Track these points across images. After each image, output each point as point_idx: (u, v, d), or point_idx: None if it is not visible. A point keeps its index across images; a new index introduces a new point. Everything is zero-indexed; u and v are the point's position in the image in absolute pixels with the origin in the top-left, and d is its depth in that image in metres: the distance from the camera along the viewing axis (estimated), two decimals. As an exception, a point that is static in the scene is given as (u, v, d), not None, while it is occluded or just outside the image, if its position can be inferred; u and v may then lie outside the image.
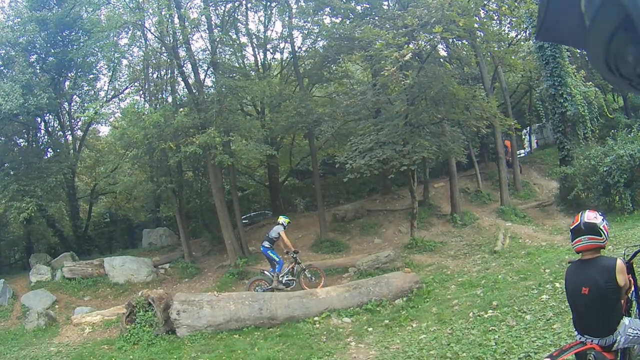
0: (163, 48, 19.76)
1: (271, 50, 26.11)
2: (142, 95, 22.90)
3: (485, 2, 18.83)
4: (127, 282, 19.28)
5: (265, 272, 15.87)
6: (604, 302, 4.59)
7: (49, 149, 26.13)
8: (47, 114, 25.34)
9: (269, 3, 24.00)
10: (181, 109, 20.50)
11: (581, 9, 1.09)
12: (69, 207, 27.18)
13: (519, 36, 27.52)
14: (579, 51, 28.14)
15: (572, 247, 5.03)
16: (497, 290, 11.26)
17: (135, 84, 24.17)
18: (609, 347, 4.67)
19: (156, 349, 11.49)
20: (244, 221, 24.58)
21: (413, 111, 17.36)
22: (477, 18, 17.20)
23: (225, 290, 16.02)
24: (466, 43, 21.00)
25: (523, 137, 33.00)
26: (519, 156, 28.23)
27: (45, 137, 26.55)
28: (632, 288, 5.18)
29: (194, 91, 19.86)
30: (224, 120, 18.54)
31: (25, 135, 25.47)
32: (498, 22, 23.94)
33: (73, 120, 27.33)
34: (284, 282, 15.49)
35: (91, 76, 26.20)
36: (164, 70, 21.33)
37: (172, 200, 21.84)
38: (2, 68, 21.16)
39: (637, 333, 4.72)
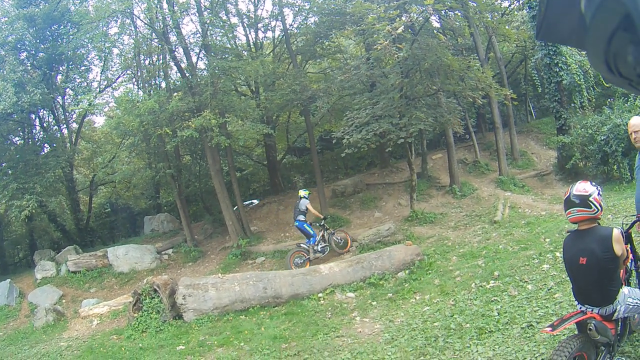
0: (153, 34, 19.66)
1: (262, 29, 26.00)
2: (135, 83, 22.84)
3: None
4: (132, 271, 19.34)
5: (302, 244, 16.60)
6: (602, 272, 4.65)
7: (46, 145, 26.09)
8: (41, 110, 25.33)
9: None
10: (175, 94, 20.38)
11: (581, 9, 1.10)
12: (69, 200, 27.30)
13: (512, 6, 27.45)
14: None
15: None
16: (498, 261, 11.33)
17: (128, 72, 24.09)
18: (609, 316, 4.74)
19: (164, 335, 11.59)
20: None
21: (408, 84, 17.31)
22: (468, -12, 17.13)
23: (229, 272, 16.15)
24: (459, 14, 20.89)
25: None
26: None
27: (41, 133, 26.50)
28: (630, 257, 5.25)
29: (187, 75, 19.76)
30: (218, 102, 18.50)
31: (21, 133, 25.50)
32: (491, -9, 23.83)
33: (67, 114, 27.30)
34: (319, 249, 16.33)
35: (83, 68, 26.00)
36: (156, 56, 21.20)
37: (172, 186, 21.86)
38: (-8, 68, 21.04)
39: (636, 302, 4.79)
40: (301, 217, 16.72)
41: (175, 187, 21.43)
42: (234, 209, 20.92)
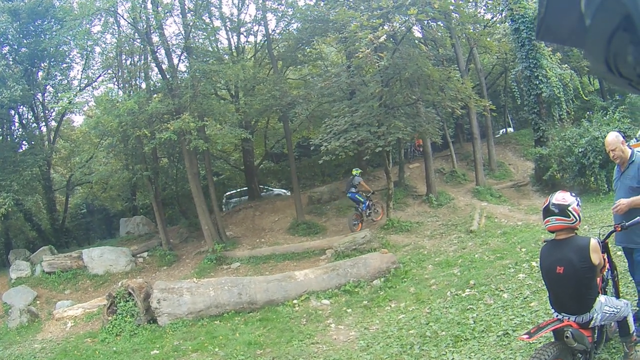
0: (136, 34, 19.44)
1: (245, 34, 25.88)
2: (116, 83, 22.59)
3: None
4: (107, 273, 19.01)
5: (358, 209, 19.57)
6: (579, 281, 4.70)
7: (24, 142, 25.66)
8: (21, 106, 24.86)
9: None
10: (155, 95, 20.20)
11: (581, 9, 1.10)
12: (46, 199, 26.83)
13: (494, 18, 27.76)
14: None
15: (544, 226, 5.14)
16: (474, 270, 11.41)
17: (109, 71, 23.76)
18: (585, 324, 4.79)
19: (139, 339, 11.46)
20: None
21: (387, 92, 17.41)
22: (452, 0, 17.24)
23: (204, 277, 16.01)
24: (441, 25, 21.04)
25: None
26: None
27: (20, 129, 26.03)
28: (607, 267, 5.32)
29: (168, 76, 19.59)
30: (198, 105, 18.37)
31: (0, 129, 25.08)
32: (474, 4, 24.10)
33: (47, 111, 26.88)
34: (368, 214, 19.59)
35: (64, 65, 25.73)
36: (137, 57, 20.92)
37: (148, 188, 21.57)
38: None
39: (613, 311, 4.85)
40: (353, 189, 19.59)
41: (152, 189, 21.17)
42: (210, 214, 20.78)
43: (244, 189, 30.15)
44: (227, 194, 31.83)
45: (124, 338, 11.70)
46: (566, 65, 24.50)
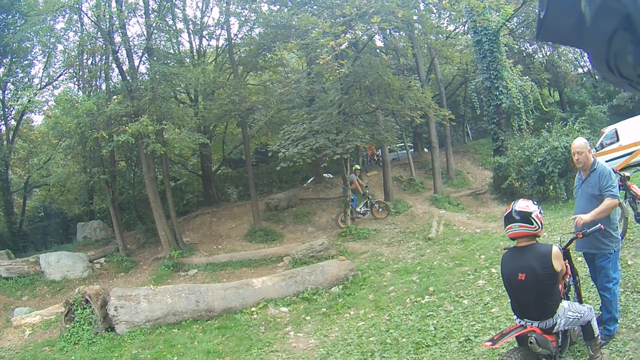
0: (99, 33, 19.08)
1: (207, 37, 25.64)
2: (76, 83, 22.14)
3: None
4: (64, 279, 18.47)
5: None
6: (541, 287, 4.76)
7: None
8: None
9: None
10: (115, 97, 19.87)
11: (581, 9, 1.10)
12: (3, 201, 26.03)
13: (457, 30, 28.14)
14: (516, 46, 29.29)
15: (505, 233, 5.19)
16: (433, 276, 11.49)
17: (70, 70, 23.28)
18: (549, 329, 4.84)
19: (97, 347, 11.12)
20: None
21: (347, 100, 17.49)
22: (416, 10, 17.41)
23: (161, 283, 15.75)
24: (403, 34, 21.25)
25: None
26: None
27: (-22, 128, 25.38)
28: (569, 273, 5.40)
29: (128, 78, 19.29)
30: (157, 108, 18.10)
31: (-42, 127, 24.38)
32: (437, 15, 24.39)
33: (7, 109, 26.19)
34: (361, 212, 20.37)
35: (26, 62, 25.17)
36: (99, 57, 20.58)
37: (105, 192, 21.08)
38: None
39: (577, 315, 4.94)
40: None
41: (109, 193, 20.71)
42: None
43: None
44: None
45: (82, 347, 11.37)
46: (527, 77, 25.00)
